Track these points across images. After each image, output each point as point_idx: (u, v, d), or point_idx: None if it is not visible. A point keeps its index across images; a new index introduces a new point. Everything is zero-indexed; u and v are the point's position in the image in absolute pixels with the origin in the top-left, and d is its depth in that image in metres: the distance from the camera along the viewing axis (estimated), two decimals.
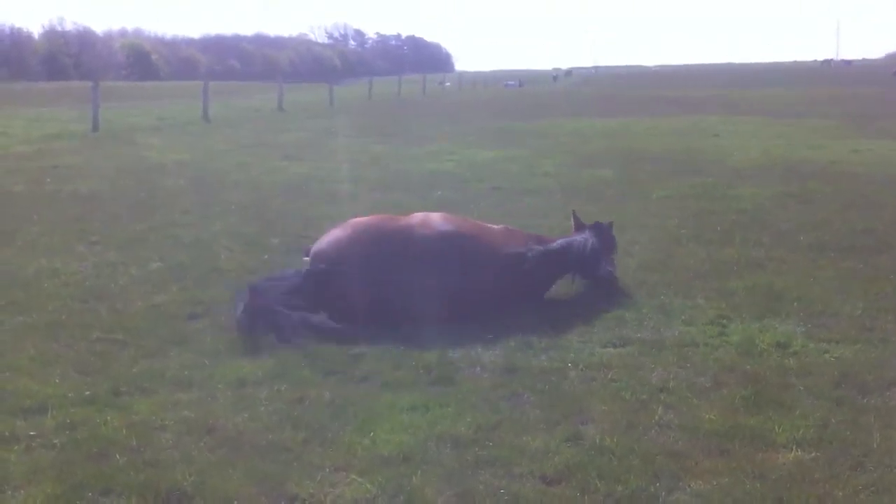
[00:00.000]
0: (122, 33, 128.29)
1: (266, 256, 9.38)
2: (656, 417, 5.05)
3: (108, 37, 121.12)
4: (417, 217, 7.54)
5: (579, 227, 8.37)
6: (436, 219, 7.48)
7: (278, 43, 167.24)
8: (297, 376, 5.79)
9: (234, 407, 5.26)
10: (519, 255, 7.47)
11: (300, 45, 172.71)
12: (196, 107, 33.99)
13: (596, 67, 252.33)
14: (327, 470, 4.44)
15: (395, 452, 4.61)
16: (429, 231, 7.25)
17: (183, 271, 8.74)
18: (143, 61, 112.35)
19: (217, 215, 11.98)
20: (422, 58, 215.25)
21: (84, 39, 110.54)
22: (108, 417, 5.06)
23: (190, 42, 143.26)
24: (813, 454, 4.56)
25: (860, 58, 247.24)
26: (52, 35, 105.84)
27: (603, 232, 8.29)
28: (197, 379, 5.75)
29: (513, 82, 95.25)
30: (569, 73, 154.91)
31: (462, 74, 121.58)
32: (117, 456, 4.56)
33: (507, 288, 7.34)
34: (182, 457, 4.57)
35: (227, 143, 23.08)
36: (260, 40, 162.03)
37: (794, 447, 4.63)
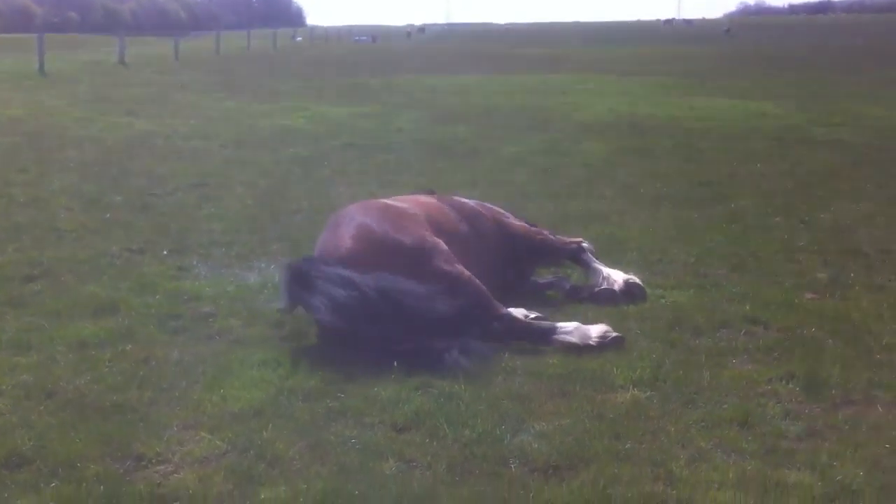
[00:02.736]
0: None
1: (108, 215, 9.06)
2: (502, 363, 5.21)
3: None
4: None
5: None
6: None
7: None
8: (143, 336, 5.66)
9: (75, 369, 5.10)
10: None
11: None
12: (31, 60, 32.13)
13: (449, 24, 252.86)
14: (175, 428, 4.39)
15: (246, 408, 4.60)
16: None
17: (19, 232, 8.35)
18: None
19: (55, 173, 11.45)
20: (272, 11, 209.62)
21: None
22: None
23: None
24: (648, 393, 4.81)
25: (700, 17, 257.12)
26: None
27: None
28: (35, 342, 5.53)
29: (364, 37, 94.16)
30: (422, 29, 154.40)
31: (314, 29, 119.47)
32: None
33: None
34: (21, 421, 4.42)
35: (65, 99, 21.99)
36: None
37: (630, 387, 4.87)
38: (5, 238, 8.09)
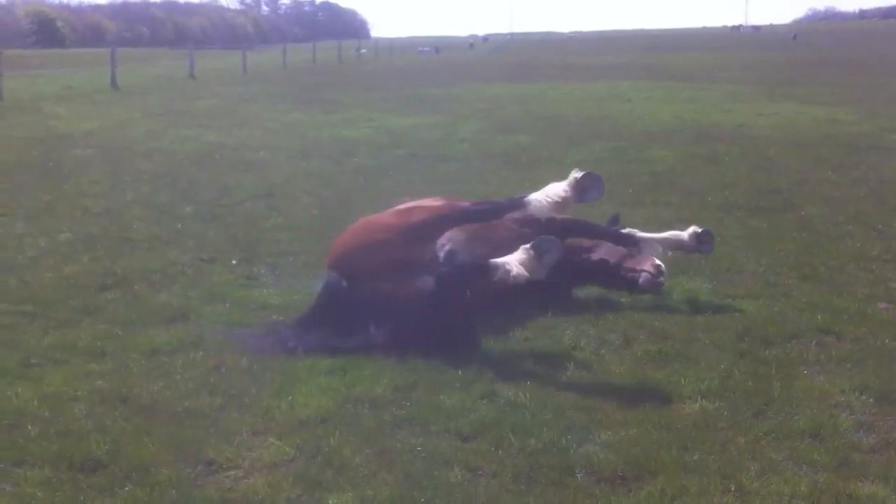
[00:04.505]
0: (26, 0, 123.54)
1: (179, 226, 9.25)
2: (568, 374, 5.19)
3: (11, 4, 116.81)
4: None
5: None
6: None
7: (188, 9, 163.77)
8: (213, 344, 5.75)
9: (148, 376, 5.22)
10: None
11: (211, 12, 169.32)
12: (104, 74, 33.04)
13: (512, 34, 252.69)
14: (245, 434, 4.46)
15: (314, 415, 4.65)
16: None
17: (93, 242, 8.57)
18: (47, 29, 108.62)
19: (128, 185, 11.74)
20: (337, 24, 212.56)
21: None
22: (19, 389, 4.98)
23: (96, 8, 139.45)
24: (717, 404, 4.74)
25: (768, 23, 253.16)
26: None
27: None
28: (110, 349, 5.67)
29: (427, 48, 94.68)
30: (485, 39, 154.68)
31: (378, 41, 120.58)
32: (29, 427, 4.50)
33: None
34: (96, 426, 4.53)
35: (136, 112, 22.55)
36: (170, 6, 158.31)
37: (699, 398, 4.81)
38: (80, 248, 8.31)
